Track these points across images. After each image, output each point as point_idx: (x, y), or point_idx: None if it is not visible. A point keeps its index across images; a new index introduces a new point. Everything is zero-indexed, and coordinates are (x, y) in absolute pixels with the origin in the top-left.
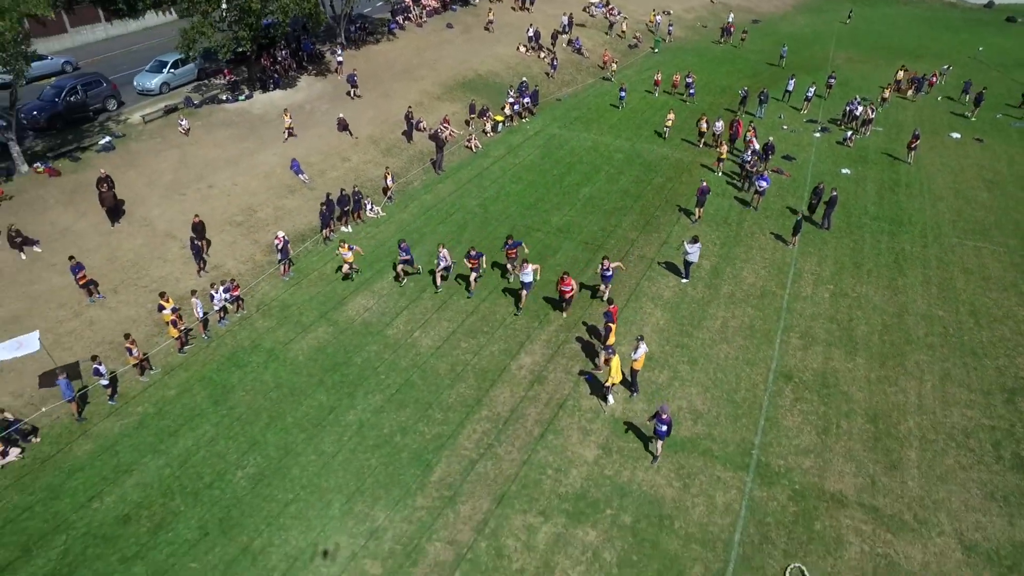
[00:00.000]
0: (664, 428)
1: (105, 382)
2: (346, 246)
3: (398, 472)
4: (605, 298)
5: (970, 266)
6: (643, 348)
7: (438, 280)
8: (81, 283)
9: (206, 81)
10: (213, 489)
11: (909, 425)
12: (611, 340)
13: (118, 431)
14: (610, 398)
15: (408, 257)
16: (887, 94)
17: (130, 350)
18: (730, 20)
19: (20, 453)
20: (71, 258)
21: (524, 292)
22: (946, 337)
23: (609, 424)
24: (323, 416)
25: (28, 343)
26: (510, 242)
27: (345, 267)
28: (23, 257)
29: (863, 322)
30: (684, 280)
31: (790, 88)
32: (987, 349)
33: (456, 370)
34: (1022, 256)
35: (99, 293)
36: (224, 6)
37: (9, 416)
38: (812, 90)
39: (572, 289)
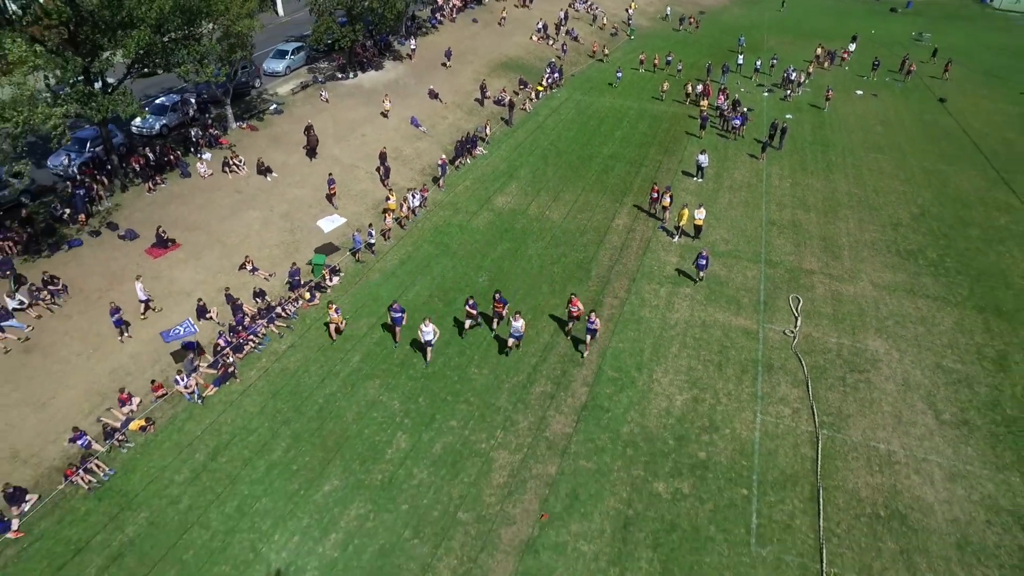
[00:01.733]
0: (704, 262)
1: (372, 240)
2: (334, 307)
3: (572, 273)
4: (586, 354)
5: (872, 168)
6: (704, 211)
7: (428, 355)
8: (332, 192)
9: (313, 65)
10: (471, 283)
11: (843, 241)
12: (668, 204)
13: (390, 267)
14: (677, 237)
15: (399, 316)
16: (811, 70)
17: (385, 218)
18: (667, 13)
19: (339, 276)
20: (330, 175)
21: (512, 341)
22: (860, 201)
23: (680, 248)
24: (514, 251)
25: (336, 219)
26: (498, 296)
27: (332, 326)
28: (269, 180)
29: (811, 196)
30: (699, 180)
31: (740, 63)
32: (882, 206)
33: (580, 229)
34: (902, 161)
35: (334, 200)
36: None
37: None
38: (759, 63)
39: (580, 310)
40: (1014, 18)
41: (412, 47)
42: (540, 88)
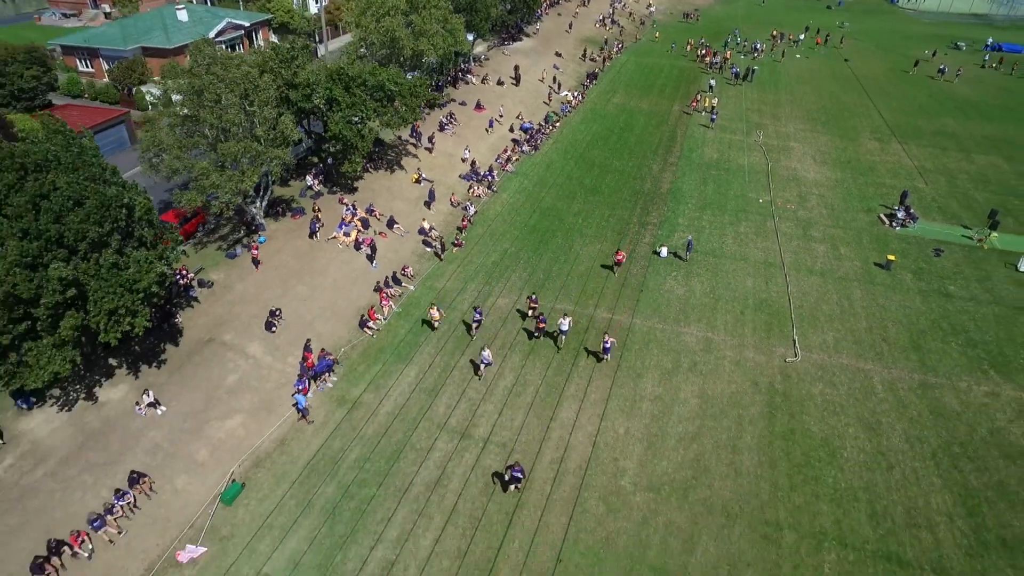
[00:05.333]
0: (714, 118)
1: (567, 111)
2: (435, 307)
3: (657, 124)
4: (606, 360)
5: (799, 91)
6: (717, 99)
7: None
8: (549, 99)
9: (481, 39)
10: (609, 137)
11: (782, 116)
12: (699, 100)
13: (578, 120)
14: (703, 113)
15: (479, 318)
16: (774, 46)
17: (571, 103)
18: (653, 8)
19: (559, 123)
20: (549, 89)
21: (562, 336)
22: (792, 103)
23: (706, 117)
24: (629, 118)
25: (569, 95)
26: (542, 316)
27: (435, 322)
28: (503, 87)
29: (767, 100)
30: (711, 93)
31: (728, 41)
32: (802, 104)
33: (656, 111)
34: (817, 88)
35: (550, 101)
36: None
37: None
38: (739, 41)
39: (624, 258)
40: (911, 14)
41: (536, 28)
42: (613, 53)
